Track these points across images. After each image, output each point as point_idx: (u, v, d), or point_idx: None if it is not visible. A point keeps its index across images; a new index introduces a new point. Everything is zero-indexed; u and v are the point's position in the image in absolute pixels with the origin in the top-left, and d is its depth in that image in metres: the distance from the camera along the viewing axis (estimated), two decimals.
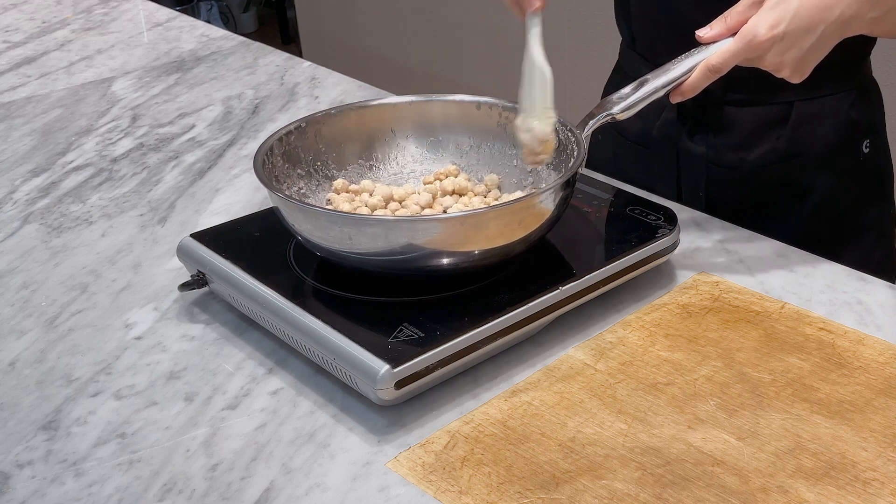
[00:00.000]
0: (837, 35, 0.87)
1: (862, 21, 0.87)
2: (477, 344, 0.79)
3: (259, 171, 0.88)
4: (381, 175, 1.01)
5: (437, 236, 0.81)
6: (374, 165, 1.01)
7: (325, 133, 0.98)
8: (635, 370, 0.81)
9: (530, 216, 0.83)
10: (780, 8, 0.85)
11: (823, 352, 0.82)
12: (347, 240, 0.81)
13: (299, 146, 0.96)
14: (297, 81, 1.47)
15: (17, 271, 1.01)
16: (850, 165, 1.08)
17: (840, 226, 1.09)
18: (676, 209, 0.96)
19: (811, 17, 0.85)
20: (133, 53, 1.61)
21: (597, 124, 0.91)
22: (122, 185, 1.18)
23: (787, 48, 0.85)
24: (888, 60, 1.90)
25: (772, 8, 0.85)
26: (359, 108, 1.01)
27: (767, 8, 0.85)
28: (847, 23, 0.86)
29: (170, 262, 1.00)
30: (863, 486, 0.69)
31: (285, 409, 0.80)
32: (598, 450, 0.73)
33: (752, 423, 0.75)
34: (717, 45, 0.88)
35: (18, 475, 0.74)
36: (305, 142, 0.97)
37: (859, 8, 0.86)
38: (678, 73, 0.90)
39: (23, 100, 1.45)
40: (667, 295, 0.91)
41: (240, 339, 0.88)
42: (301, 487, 0.72)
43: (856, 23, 0.87)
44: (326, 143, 0.98)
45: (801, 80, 0.89)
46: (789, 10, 0.85)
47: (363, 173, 1.00)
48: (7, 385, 0.84)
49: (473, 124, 1.00)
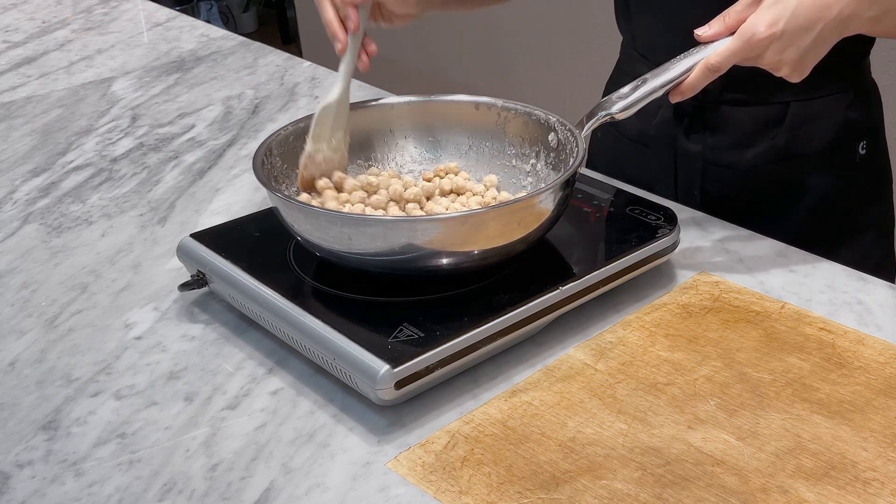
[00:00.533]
0: (836, 34, 0.87)
1: (860, 20, 0.87)
2: (477, 344, 0.79)
3: (258, 171, 0.88)
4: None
5: (437, 236, 0.81)
6: (373, 165, 1.01)
7: None
8: (635, 370, 0.81)
9: (530, 216, 0.83)
10: (779, 6, 0.85)
11: (823, 352, 0.82)
12: (347, 240, 0.81)
13: (298, 146, 0.96)
14: (297, 81, 1.47)
15: (17, 271, 1.01)
16: (846, 166, 1.08)
17: (837, 226, 1.09)
18: (676, 209, 0.97)
19: (809, 15, 0.85)
20: (133, 53, 1.61)
21: (596, 124, 0.91)
22: (122, 185, 1.18)
23: (785, 46, 0.86)
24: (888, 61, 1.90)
25: (770, 6, 0.85)
26: (358, 109, 1.01)
27: (766, 6, 0.85)
28: (845, 21, 0.86)
29: (170, 262, 1.00)
30: (863, 486, 0.69)
31: (285, 409, 0.80)
32: (598, 450, 0.73)
33: (752, 423, 0.75)
34: (715, 45, 0.88)
35: (18, 475, 0.74)
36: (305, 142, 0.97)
37: (857, 7, 0.86)
38: (677, 72, 0.90)
39: (23, 100, 1.45)
40: (667, 295, 0.91)
41: (240, 339, 0.88)
42: (301, 487, 0.72)
43: (854, 21, 0.87)
44: None
45: (801, 79, 0.89)
46: (788, 8, 0.85)
47: (362, 173, 1.00)
48: (7, 385, 0.84)
49: (472, 124, 1.00)
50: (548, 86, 2.70)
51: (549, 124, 0.95)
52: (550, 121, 0.95)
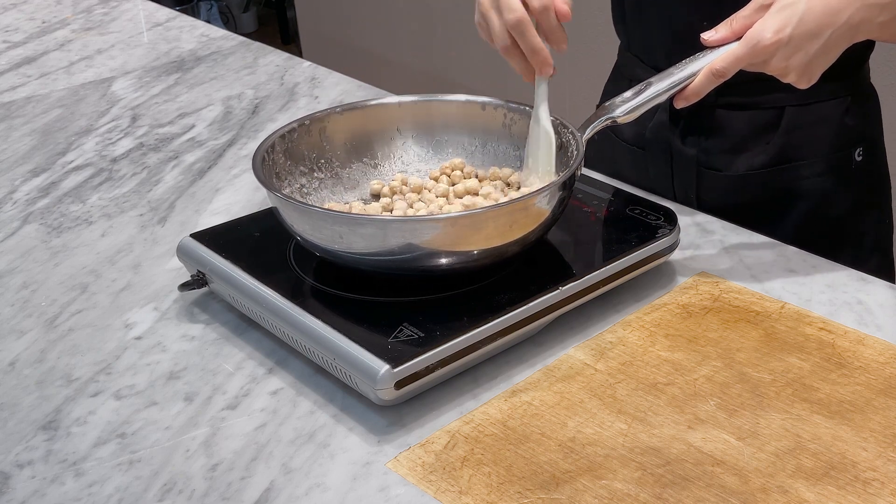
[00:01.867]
0: (846, 40, 0.86)
1: (871, 25, 0.86)
2: (477, 344, 0.79)
3: (258, 168, 0.88)
4: (386, 174, 1.01)
5: (435, 236, 0.81)
6: (379, 164, 1.01)
7: (330, 131, 0.99)
8: (635, 370, 0.81)
9: (528, 217, 0.83)
10: (787, 12, 0.84)
11: (823, 352, 0.82)
12: (340, 239, 0.81)
13: (303, 143, 0.96)
14: (297, 81, 1.47)
15: (17, 271, 1.01)
16: (842, 173, 1.06)
17: (833, 233, 1.08)
18: (676, 209, 0.96)
19: (818, 21, 0.84)
20: (133, 53, 1.61)
21: (599, 127, 0.91)
22: (122, 185, 1.18)
23: (792, 52, 0.84)
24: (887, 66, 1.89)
25: (778, 12, 0.84)
26: (364, 108, 1.01)
27: (774, 12, 0.84)
28: (856, 27, 0.85)
29: (170, 262, 1.00)
30: (863, 486, 0.69)
31: (285, 409, 0.80)
32: (598, 450, 0.73)
33: (752, 423, 0.75)
34: (721, 49, 0.87)
35: (18, 475, 0.74)
36: (309, 139, 0.97)
37: (867, 12, 0.84)
38: (681, 76, 0.89)
39: (23, 100, 1.45)
40: (667, 295, 0.91)
41: (240, 339, 0.88)
42: (301, 487, 0.72)
43: (864, 27, 0.85)
44: (330, 141, 0.98)
45: (809, 86, 0.88)
46: (796, 14, 0.83)
47: (367, 172, 1.00)
48: (7, 385, 0.84)
49: (478, 125, 1.00)
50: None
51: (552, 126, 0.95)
52: (554, 122, 0.94)
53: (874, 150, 1.09)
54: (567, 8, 0.89)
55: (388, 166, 1.01)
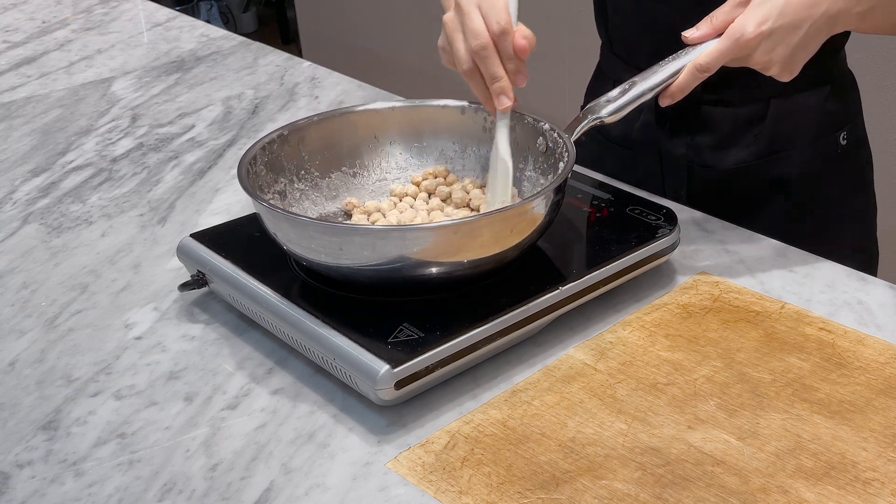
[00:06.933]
0: (825, 31, 0.87)
1: (849, 16, 0.87)
2: (477, 344, 0.79)
3: (244, 181, 0.87)
4: (366, 182, 1.00)
5: (429, 245, 0.80)
6: (358, 173, 1.00)
7: (309, 141, 0.97)
8: (635, 370, 0.81)
9: (522, 222, 0.83)
10: (768, 6, 0.85)
11: (823, 352, 0.82)
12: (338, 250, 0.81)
13: (282, 155, 0.94)
14: (297, 81, 1.47)
15: (17, 271, 1.01)
16: (829, 158, 1.09)
17: (822, 218, 1.10)
18: (676, 209, 0.97)
19: (798, 13, 0.85)
20: (133, 53, 1.61)
21: (585, 128, 0.91)
22: (122, 185, 1.18)
23: (774, 45, 0.86)
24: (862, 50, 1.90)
25: (759, 6, 0.85)
26: (342, 115, 0.99)
27: (754, 6, 0.86)
28: (834, 18, 0.87)
29: (170, 262, 1.00)
30: (863, 486, 0.69)
31: (285, 409, 0.80)
32: (598, 450, 0.73)
33: (752, 423, 0.75)
34: (703, 46, 0.88)
35: (18, 475, 0.74)
36: (288, 150, 0.95)
37: (845, 3, 0.86)
38: (666, 75, 0.89)
39: (23, 100, 1.45)
40: (667, 295, 0.91)
41: (240, 339, 0.88)
42: (301, 487, 0.72)
43: (843, 18, 0.87)
44: (309, 150, 0.97)
45: (791, 78, 0.89)
46: (776, 7, 0.85)
47: (347, 181, 0.99)
48: (7, 385, 0.84)
49: (458, 129, 0.99)
50: (547, 86, 2.70)
51: (537, 129, 0.94)
52: (538, 125, 0.93)
53: (857, 133, 1.12)
54: (525, 44, 0.88)
55: (367, 175, 1.00)
